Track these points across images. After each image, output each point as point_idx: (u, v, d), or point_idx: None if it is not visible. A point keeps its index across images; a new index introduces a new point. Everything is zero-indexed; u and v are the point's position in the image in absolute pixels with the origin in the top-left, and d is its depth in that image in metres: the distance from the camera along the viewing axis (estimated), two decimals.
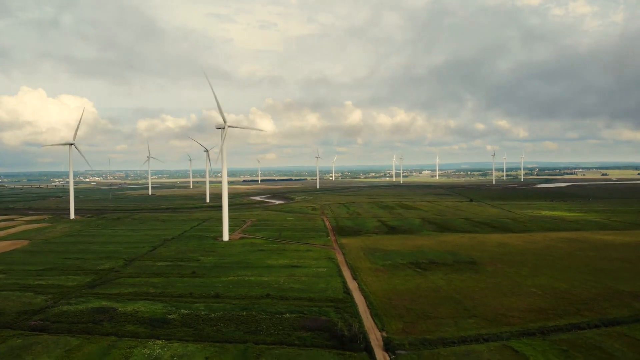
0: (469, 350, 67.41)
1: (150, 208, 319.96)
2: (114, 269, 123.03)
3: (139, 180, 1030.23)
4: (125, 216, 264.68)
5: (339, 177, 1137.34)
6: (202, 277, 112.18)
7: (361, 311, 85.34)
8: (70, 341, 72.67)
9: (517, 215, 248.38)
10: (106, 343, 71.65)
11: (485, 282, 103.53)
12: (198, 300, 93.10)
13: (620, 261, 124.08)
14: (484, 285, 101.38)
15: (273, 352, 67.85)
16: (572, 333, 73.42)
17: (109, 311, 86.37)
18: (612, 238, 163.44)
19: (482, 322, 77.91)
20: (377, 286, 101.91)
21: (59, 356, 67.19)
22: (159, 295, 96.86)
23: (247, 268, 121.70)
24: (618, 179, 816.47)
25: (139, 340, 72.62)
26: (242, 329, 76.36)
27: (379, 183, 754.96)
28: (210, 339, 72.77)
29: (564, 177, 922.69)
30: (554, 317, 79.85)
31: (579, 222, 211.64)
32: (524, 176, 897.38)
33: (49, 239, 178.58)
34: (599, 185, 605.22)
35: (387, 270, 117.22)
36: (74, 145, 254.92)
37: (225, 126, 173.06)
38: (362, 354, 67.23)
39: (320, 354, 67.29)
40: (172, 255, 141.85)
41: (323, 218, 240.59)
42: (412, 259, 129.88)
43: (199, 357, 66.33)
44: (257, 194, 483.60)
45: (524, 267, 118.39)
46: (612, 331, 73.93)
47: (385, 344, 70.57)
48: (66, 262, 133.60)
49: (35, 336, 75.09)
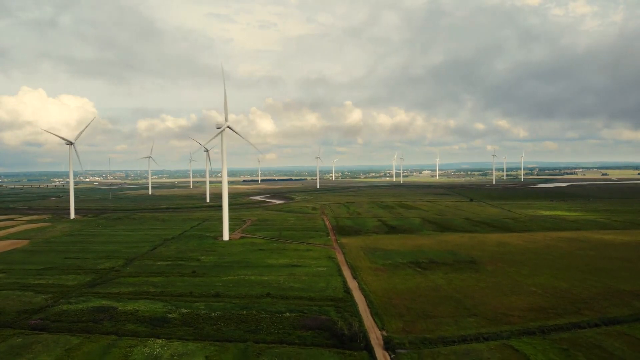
0: (469, 349, 67.40)
1: (150, 208, 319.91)
2: (114, 269, 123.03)
3: (139, 180, 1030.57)
4: (126, 216, 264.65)
5: (339, 177, 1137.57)
6: (203, 277, 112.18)
7: (361, 310, 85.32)
8: (71, 340, 72.66)
9: (517, 215, 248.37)
10: (106, 342, 71.64)
11: (486, 282, 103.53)
12: (198, 299, 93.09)
13: (620, 260, 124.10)
14: (484, 284, 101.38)
15: (273, 350, 67.84)
16: (573, 332, 73.42)
17: (109, 310, 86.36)
18: (612, 238, 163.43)
19: (482, 321, 77.89)
20: (377, 285, 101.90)
21: (59, 355, 67.17)
22: (159, 295, 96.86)
23: (247, 267, 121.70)
24: (618, 178, 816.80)
25: (139, 339, 72.61)
26: (242, 328, 76.36)
27: (379, 183, 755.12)
28: (210, 338, 72.76)
29: (564, 177, 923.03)
30: (554, 316, 79.84)
31: (579, 222, 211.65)
32: (524, 176, 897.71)
33: (49, 239, 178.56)
34: (599, 185, 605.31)
35: (387, 269, 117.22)
36: (73, 145, 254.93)
37: (225, 125, 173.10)
38: (362, 353, 67.20)
39: (321, 353, 67.27)
40: (172, 254, 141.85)
41: (323, 218, 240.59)
42: (412, 258, 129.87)
43: (199, 356, 66.31)
44: (257, 193, 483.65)
45: (524, 266, 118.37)
46: (612, 330, 73.92)
47: (385, 342, 70.55)
48: (66, 261, 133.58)
49: (36, 335, 75.08)
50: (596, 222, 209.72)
